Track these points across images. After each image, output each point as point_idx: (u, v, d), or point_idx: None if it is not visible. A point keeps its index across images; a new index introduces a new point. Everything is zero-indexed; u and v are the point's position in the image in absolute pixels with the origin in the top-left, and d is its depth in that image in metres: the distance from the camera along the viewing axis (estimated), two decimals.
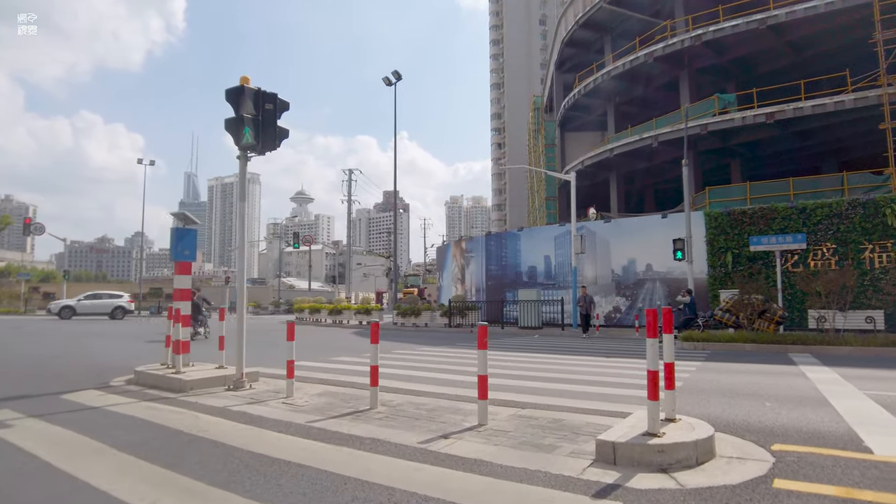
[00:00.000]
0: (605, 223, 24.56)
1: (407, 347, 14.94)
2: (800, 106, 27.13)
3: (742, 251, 20.44)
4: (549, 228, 26.78)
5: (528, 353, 13.26)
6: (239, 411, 6.00)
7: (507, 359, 11.74)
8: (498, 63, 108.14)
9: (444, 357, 12.14)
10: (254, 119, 7.20)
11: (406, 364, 10.83)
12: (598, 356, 12.39)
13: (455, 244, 32.20)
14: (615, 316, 23.48)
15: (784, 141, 30.74)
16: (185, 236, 8.49)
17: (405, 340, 18.04)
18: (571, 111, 41.83)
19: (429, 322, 26.35)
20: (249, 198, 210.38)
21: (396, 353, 13.04)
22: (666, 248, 21.37)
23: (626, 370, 9.65)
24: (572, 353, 13.09)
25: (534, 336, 20.48)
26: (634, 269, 23.07)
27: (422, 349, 14.40)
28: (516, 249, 27.00)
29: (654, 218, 23.15)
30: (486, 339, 5.28)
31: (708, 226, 21.31)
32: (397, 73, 30.04)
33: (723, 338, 14.38)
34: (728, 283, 20.61)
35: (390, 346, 15.19)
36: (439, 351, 13.87)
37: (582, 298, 19.77)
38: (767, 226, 20.13)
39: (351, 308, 30.70)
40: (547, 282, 25.72)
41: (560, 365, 10.58)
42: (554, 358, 12.00)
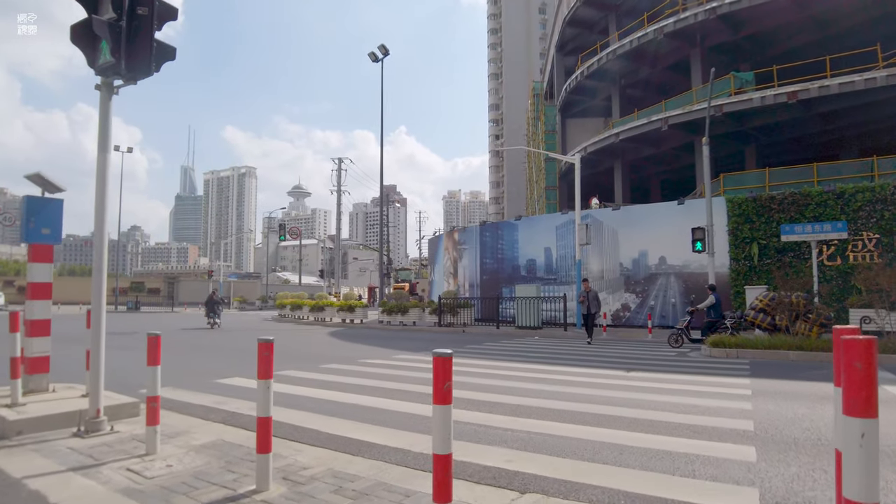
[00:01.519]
0: (612, 211, 22.08)
1: (381, 354, 12.48)
2: (826, 84, 24.60)
3: (770, 242, 18.01)
4: (550, 217, 24.30)
5: (526, 361, 10.81)
6: (34, 491, 3.52)
7: (498, 372, 9.29)
8: (496, 53, 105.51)
9: (420, 372, 9.67)
10: (114, 26, 4.70)
11: (366, 383, 8.36)
12: (614, 367, 9.94)
13: (447, 235, 29.69)
14: (624, 315, 21.05)
15: (804, 125, 28.26)
16: (45, 208, 6.00)
17: (384, 343, 15.57)
18: (573, 95, 39.27)
19: (417, 320, 23.90)
20: (246, 193, 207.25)
21: (363, 364, 10.57)
22: (682, 238, 18.96)
23: (663, 395, 7.18)
24: (580, 363, 10.64)
25: (533, 338, 18.07)
26: (646, 262, 20.62)
27: (398, 357, 11.93)
28: (514, 241, 24.52)
29: (669, 205, 20.67)
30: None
31: (730, 213, 18.85)
32: (384, 48, 27.50)
33: (759, 343, 11.92)
34: (753, 278, 18.18)
35: (363, 352, 12.73)
36: (418, 361, 11.39)
37: (584, 294, 16.16)
38: (799, 213, 17.69)
39: (334, 304, 28.21)
40: (548, 276, 23.26)
41: (571, 386, 8.12)
42: (560, 371, 9.54)
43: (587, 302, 15.94)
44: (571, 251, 21.98)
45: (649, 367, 10.19)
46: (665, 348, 14.28)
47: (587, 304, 15.94)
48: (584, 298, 16.03)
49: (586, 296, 16.05)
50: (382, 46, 27.62)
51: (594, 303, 15.96)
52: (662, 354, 12.61)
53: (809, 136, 29.87)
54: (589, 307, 15.85)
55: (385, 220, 35.07)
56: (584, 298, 16.03)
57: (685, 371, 9.49)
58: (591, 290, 16.29)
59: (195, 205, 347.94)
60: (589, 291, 16.14)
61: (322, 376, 8.83)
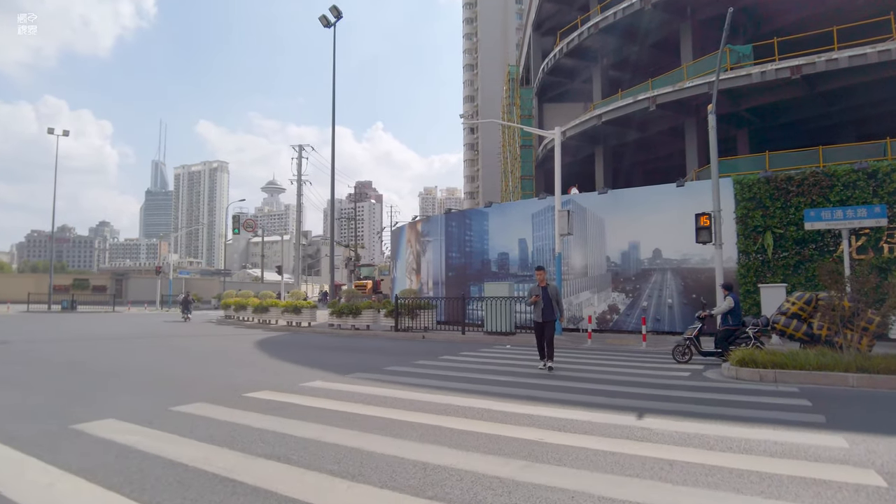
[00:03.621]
0: (598, 195, 18.92)
1: (294, 378, 9.07)
2: (833, 57, 21.87)
3: (787, 231, 15.05)
4: (525, 204, 21.07)
5: (486, 395, 7.50)
6: None
7: (442, 422, 5.96)
8: (472, 43, 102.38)
9: (312, 423, 6.32)
10: None
11: (247, 448, 4.96)
12: (612, 405, 6.70)
13: (409, 227, 26.28)
14: (611, 317, 17.94)
15: (804, 107, 25.56)
16: None
17: (313, 358, 12.15)
18: (551, 76, 36.17)
19: (371, 324, 20.50)
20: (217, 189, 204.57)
21: (247, 401, 7.16)
22: (681, 226, 15.95)
23: (721, 492, 3.92)
24: (561, 394, 7.38)
25: (504, 346, 14.85)
26: (637, 255, 17.54)
27: (309, 387, 8.55)
28: (483, 231, 21.25)
29: (666, 188, 17.59)
30: None
31: (738, 197, 15.85)
32: (336, 10, 23.98)
33: (805, 361, 8.79)
34: (766, 274, 15.21)
35: (271, 374, 9.33)
36: (331, 396, 8.05)
37: (537, 291, 10.17)
38: (822, 196, 14.76)
39: (279, 305, 24.62)
40: (522, 273, 20.06)
41: (553, 462, 4.84)
42: (531, 418, 6.27)
43: (542, 303, 10.02)
44: (550, 243, 18.81)
45: (663, 401, 6.98)
46: (668, 363, 11.16)
47: (542, 306, 10.02)
48: (538, 297, 10.03)
49: (541, 293, 10.07)
50: (334, 8, 24.08)
51: (553, 304, 10.08)
52: (671, 375, 9.44)
53: (807, 121, 27.18)
54: (544, 312, 9.99)
55: (343, 214, 31.61)
56: (538, 297, 10.03)
57: (724, 416, 6.29)
58: (549, 283, 10.32)
59: (166, 200, 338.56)
60: (545, 286, 10.15)
61: (151, 433, 5.42)
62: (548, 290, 10.14)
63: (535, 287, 10.26)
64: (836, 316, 9.33)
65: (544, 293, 10.09)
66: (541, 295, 10.07)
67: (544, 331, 10.03)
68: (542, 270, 10.38)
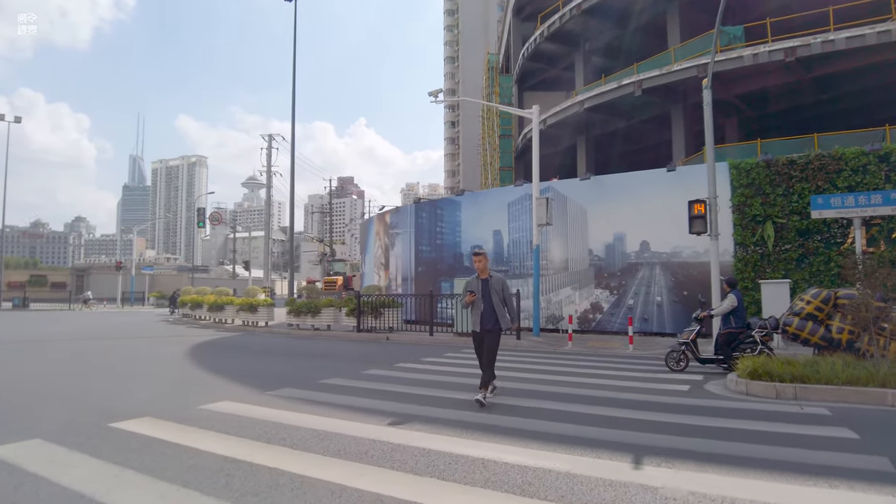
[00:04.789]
0: (581, 181, 17.22)
1: (214, 390, 7.21)
2: (830, 38, 20.46)
3: (789, 220, 13.51)
4: (501, 192, 19.34)
5: (430, 427, 5.74)
6: None
7: (348, 476, 4.17)
8: (452, 35, 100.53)
9: (218, 462, 4.49)
10: None
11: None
12: (603, 448, 4.98)
13: (378, 218, 24.38)
14: (594, 317, 16.28)
15: (798, 93, 24.18)
16: None
17: (242, 370, 10.29)
18: (531, 62, 34.47)
19: (332, 323, 18.63)
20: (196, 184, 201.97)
21: (113, 440, 5.30)
22: (671, 216, 14.35)
23: None
24: (534, 437, 5.64)
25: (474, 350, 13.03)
26: (623, 247, 15.90)
27: (210, 410, 6.71)
28: (455, 222, 19.46)
29: (655, 174, 15.95)
30: None
31: (735, 183, 14.27)
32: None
33: (829, 374, 7.15)
34: (766, 269, 13.67)
35: (177, 389, 7.44)
36: (251, 419, 6.23)
37: (475, 286, 6.95)
38: (829, 182, 13.24)
39: (234, 303, 22.62)
40: (497, 268, 18.32)
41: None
42: (493, 475, 4.51)
43: (481, 304, 6.87)
44: (527, 235, 17.11)
45: (663, 432, 5.28)
46: (660, 371, 9.51)
47: (481, 308, 6.87)
48: (474, 296, 6.84)
49: (481, 288, 6.90)
50: None
51: (496, 305, 6.84)
52: (667, 390, 7.75)
53: (800, 109, 25.81)
54: (483, 317, 6.86)
55: (325, 209, 29.65)
56: (474, 296, 6.84)
57: (753, 459, 4.62)
58: (493, 275, 7.09)
59: (143, 195, 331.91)
60: (487, 279, 6.97)
61: None
62: (490, 284, 6.85)
63: (473, 280, 6.95)
64: (867, 317, 7.71)
65: (484, 288, 6.84)
66: (479, 291, 6.83)
67: (483, 344, 6.85)
68: (481, 255, 7.05)
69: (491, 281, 6.92)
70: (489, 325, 6.82)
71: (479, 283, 6.94)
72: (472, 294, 6.82)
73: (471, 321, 7.05)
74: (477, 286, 6.90)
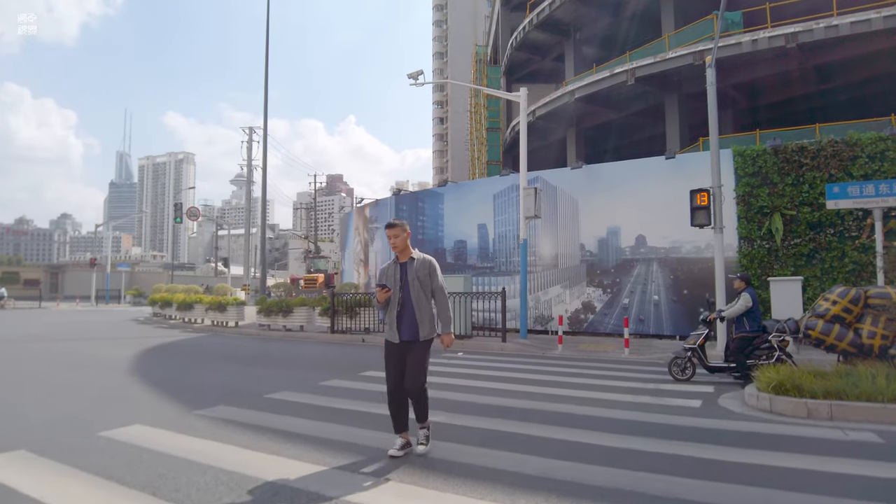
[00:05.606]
0: (572, 171, 16.02)
1: (135, 409, 5.91)
2: (833, 24, 19.41)
3: (799, 212, 12.39)
4: (487, 182, 18.14)
5: (372, 474, 4.46)
6: None
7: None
8: (441, 30, 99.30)
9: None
10: None
11: None
12: None
13: (357, 212, 23.05)
14: (586, 317, 15.09)
15: (797, 83, 23.12)
16: None
17: (183, 381, 9.01)
18: (520, 52, 33.24)
19: (306, 323, 17.31)
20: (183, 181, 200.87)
21: None
22: (670, 208, 13.22)
23: None
24: (514, 487, 4.40)
25: (456, 353, 11.88)
26: (617, 242, 14.72)
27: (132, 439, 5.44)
28: (438, 216, 18.21)
29: (652, 162, 14.80)
30: None
31: (740, 172, 13.13)
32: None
33: (871, 390, 5.97)
34: (774, 265, 12.54)
35: (93, 407, 6.13)
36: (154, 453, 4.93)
37: (391, 274, 4.54)
38: (843, 170, 12.14)
39: (203, 302, 21.22)
40: (482, 264, 17.12)
41: None
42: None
43: (399, 301, 4.49)
44: (514, 228, 15.90)
45: (678, 473, 4.09)
46: (663, 379, 8.34)
47: (399, 307, 4.48)
48: (388, 291, 4.44)
49: (397, 277, 4.51)
50: None
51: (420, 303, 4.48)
52: (675, 407, 6.56)
53: (799, 100, 24.75)
54: (401, 320, 4.49)
55: (316, 207, 28.37)
56: (388, 291, 4.44)
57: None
58: (420, 257, 4.58)
59: (130, 192, 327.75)
60: (407, 262, 4.55)
61: None
62: (410, 271, 4.48)
63: (389, 266, 4.60)
64: None
65: (402, 277, 4.49)
66: (396, 282, 4.48)
67: (403, 360, 4.45)
68: (396, 227, 4.50)
69: (412, 266, 4.48)
70: (409, 334, 4.43)
71: (395, 269, 4.53)
72: (385, 288, 4.41)
73: (386, 325, 4.58)
74: (393, 274, 4.51)
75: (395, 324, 4.48)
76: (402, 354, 4.46)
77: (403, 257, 4.56)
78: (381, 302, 4.49)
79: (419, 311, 4.46)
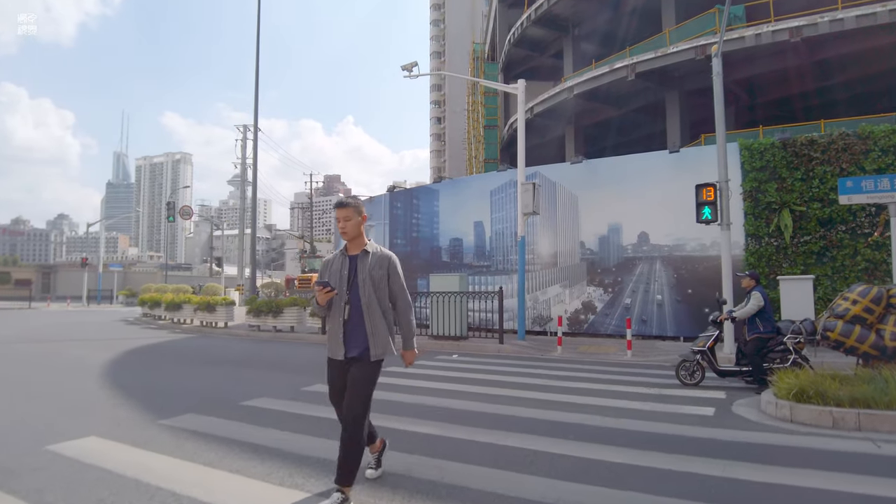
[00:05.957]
0: (572, 165, 15.46)
1: (100, 417, 5.36)
2: (838, 17, 18.93)
3: (809, 208, 11.88)
4: (483, 178, 17.60)
5: (376, 493, 3.90)
6: None
7: None
8: (439, 29, 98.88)
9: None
10: None
11: None
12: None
13: None
14: (586, 317, 14.56)
15: (800, 79, 22.60)
16: None
17: (157, 386, 8.46)
18: (518, 48, 32.76)
19: (297, 324, 16.76)
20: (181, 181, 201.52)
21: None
22: (674, 204, 12.72)
23: None
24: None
25: (450, 356, 11.38)
26: (618, 240, 14.19)
27: (81, 454, 4.88)
28: (433, 213, 17.66)
29: (655, 156, 14.29)
30: None
31: (747, 166, 12.62)
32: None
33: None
34: (783, 263, 12.02)
35: (59, 414, 5.58)
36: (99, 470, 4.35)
37: (339, 267, 3.53)
38: (855, 164, 11.64)
39: (192, 302, 20.64)
40: (478, 263, 16.58)
41: None
42: None
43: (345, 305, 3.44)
44: (512, 226, 15.38)
45: (698, 498, 3.52)
46: (669, 384, 7.82)
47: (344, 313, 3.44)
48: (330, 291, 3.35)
49: (348, 272, 3.49)
50: None
51: (371, 310, 3.46)
52: (686, 415, 6.03)
53: (800, 97, 24.28)
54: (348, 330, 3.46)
55: (315, 207, 27.86)
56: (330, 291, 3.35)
57: None
58: (377, 251, 3.59)
59: (127, 192, 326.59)
60: (357, 256, 3.54)
61: None
62: (362, 267, 3.48)
63: (336, 258, 3.60)
64: None
65: (351, 273, 3.49)
66: (342, 280, 3.49)
67: (347, 383, 3.44)
68: (347, 207, 3.51)
69: (366, 261, 3.47)
70: (356, 349, 3.42)
71: (342, 262, 3.52)
72: (327, 288, 3.33)
73: (328, 337, 3.56)
74: (339, 270, 3.49)
75: (339, 335, 3.41)
76: (344, 371, 3.46)
77: (354, 248, 3.53)
78: (321, 305, 3.44)
79: (371, 320, 3.41)
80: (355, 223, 3.49)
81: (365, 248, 3.53)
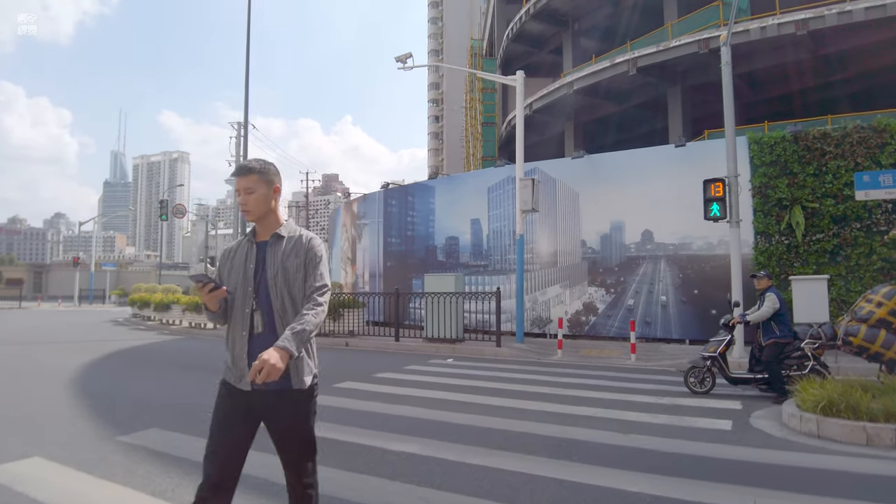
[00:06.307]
0: (573, 160, 14.88)
1: (38, 433, 4.76)
2: (846, 9, 18.41)
3: (822, 205, 11.33)
4: (480, 174, 17.07)
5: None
6: None
7: None
8: (437, 27, 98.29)
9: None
10: None
11: None
12: None
13: (345, 207, 21.93)
14: (587, 319, 14.00)
15: (804, 74, 22.11)
16: None
17: (121, 395, 7.89)
18: (516, 44, 32.18)
19: None
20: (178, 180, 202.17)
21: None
22: (679, 201, 12.17)
23: None
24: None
25: (445, 360, 10.83)
26: (621, 238, 13.63)
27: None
28: (428, 211, 17.10)
29: (659, 151, 13.76)
30: None
31: (756, 161, 12.06)
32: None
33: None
34: (794, 262, 11.48)
35: None
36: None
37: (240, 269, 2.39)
38: (871, 158, 11.10)
39: (180, 302, 20.05)
40: (475, 262, 16.02)
41: None
42: None
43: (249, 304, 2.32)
44: (510, 224, 14.82)
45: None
46: (678, 392, 7.27)
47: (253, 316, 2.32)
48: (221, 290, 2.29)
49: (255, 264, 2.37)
50: None
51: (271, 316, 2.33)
52: (699, 430, 5.47)
53: (804, 93, 23.80)
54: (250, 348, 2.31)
55: (311, 206, 27.30)
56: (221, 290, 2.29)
57: None
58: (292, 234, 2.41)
59: (125, 191, 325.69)
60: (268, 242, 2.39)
61: None
62: (273, 257, 2.36)
63: (241, 245, 2.47)
64: None
65: (258, 264, 2.38)
66: (246, 276, 2.36)
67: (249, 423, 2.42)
68: (252, 172, 2.36)
69: (278, 249, 2.38)
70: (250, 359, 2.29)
71: (247, 252, 2.42)
72: (211, 286, 2.27)
73: (227, 352, 2.50)
74: (242, 263, 2.41)
75: (243, 355, 2.33)
76: (251, 413, 2.37)
77: (264, 232, 2.43)
78: (212, 310, 2.38)
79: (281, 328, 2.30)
80: (261, 196, 2.36)
81: (278, 231, 2.40)
